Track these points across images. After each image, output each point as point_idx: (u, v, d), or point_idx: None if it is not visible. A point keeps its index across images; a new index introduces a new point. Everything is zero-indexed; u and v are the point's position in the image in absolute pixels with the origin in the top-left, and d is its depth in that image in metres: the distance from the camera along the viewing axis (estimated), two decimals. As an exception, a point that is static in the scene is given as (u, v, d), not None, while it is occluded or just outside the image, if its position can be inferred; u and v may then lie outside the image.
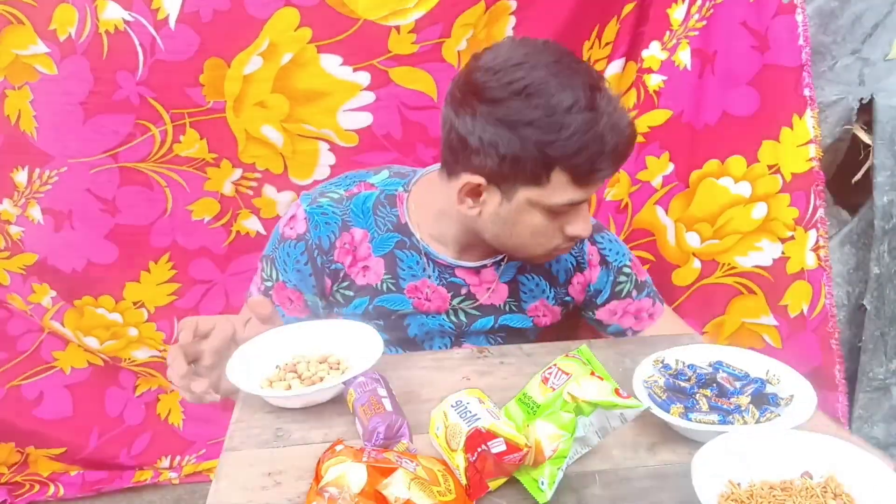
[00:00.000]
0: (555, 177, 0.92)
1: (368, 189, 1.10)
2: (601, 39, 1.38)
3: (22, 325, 1.58)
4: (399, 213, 1.09)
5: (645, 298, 1.19)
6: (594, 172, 0.93)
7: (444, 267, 1.10)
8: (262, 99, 1.31)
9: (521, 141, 0.91)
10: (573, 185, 0.93)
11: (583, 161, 0.91)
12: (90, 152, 1.34)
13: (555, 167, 0.92)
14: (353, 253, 1.09)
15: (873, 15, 1.27)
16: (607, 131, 0.90)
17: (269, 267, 1.12)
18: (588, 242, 1.16)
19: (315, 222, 1.07)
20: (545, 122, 0.90)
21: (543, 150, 0.91)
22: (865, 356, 1.29)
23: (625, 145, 0.92)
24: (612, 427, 0.75)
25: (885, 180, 1.23)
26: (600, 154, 0.90)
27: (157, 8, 1.25)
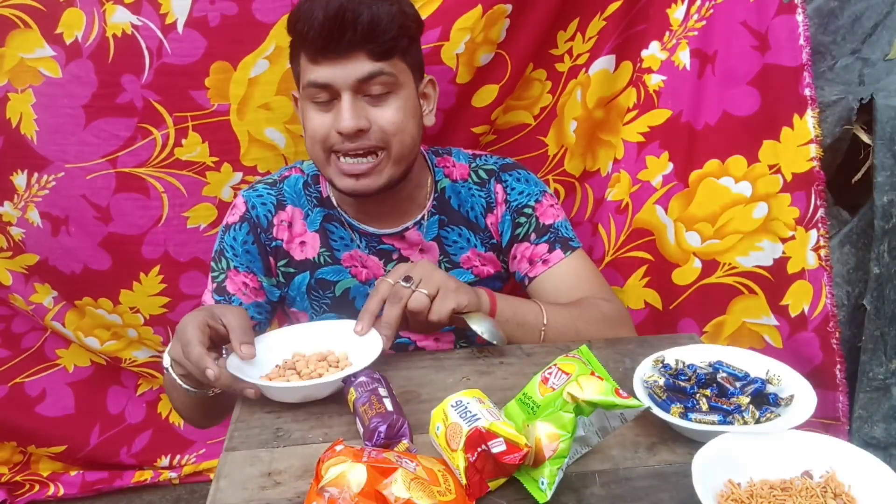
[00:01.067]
0: (301, 60, 1.03)
1: (298, 173, 1.18)
2: (584, 34, 1.38)
3: (26, 323, 1.58)
4: (321, 189, 1.16)
5: (542, 244, 1.15)
6: (316, 45, 0.99)
7: (370, 236, 1.15)
8: (267, 101, 1.32)
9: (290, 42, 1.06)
10: (310, 63, 1.01)
11: (301, 34, 0.99)
12: (88, 157, 1.34)
13: (300, 52, 1.03)
14: (289, 230, 1.15)
15: (873, 15, 1.27)
16: (317, 6, 0.97)
17: (218, 261, 1.15)
18: (495, 181, 1.19)
19: (252, 203, 1.15)
20: (291, 16, 1.02)
21: (291, 38, 1.04)
22: (865, 356, 1.29)
23: (330, 18, 0.96)
24: (612, 427, 0.75)
25: (885, 180, 1.23)
26: (310, 25, 0.97)
27: (166, 13, 1.26)
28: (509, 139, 1.47)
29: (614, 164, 1.44)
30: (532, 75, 1.41)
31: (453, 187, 1.18)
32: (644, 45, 1.37)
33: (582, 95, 1.41)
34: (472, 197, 1.19)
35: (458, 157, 1.21)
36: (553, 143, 1.47)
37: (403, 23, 1.02)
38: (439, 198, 1.18)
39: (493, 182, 1.18)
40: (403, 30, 1.02)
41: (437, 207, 1.17)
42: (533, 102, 1.44)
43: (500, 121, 1.44)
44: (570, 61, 1.41)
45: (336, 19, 0.96)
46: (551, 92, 1.43)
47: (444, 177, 1.19)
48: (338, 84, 1.00)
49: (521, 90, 1.42)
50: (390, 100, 1.03)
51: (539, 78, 1.42)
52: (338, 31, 0.97)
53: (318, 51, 0.99)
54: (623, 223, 1.42)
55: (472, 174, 1.20)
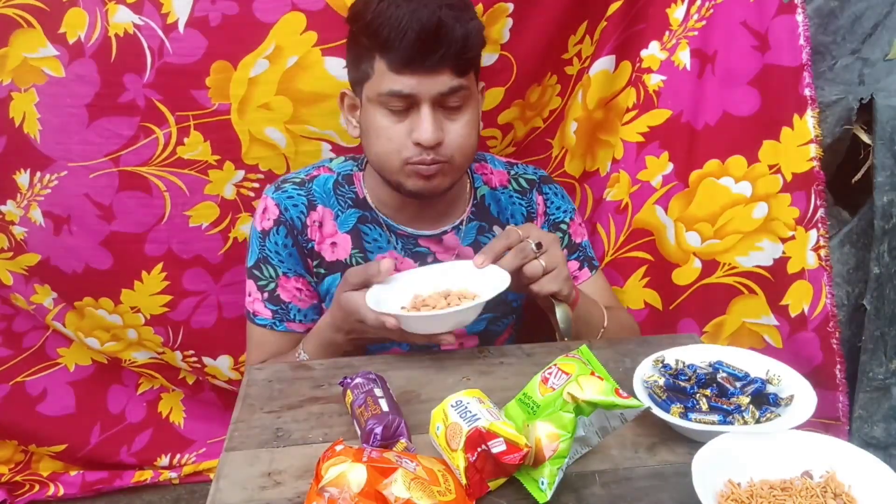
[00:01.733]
0: (377, 66, 0.99)
1: (327, 172, 1.17)
2: (592, 37, 1.38)
3: (28, 322, 1.58)
4: (357, 190, 1.15)
5: (573, 261, 1.21)
6: (404, 56, 0.95)
7: (407, 237, 1.14)
8: (267, 101, 1.32)
9: (352, 36, 1.03)
10: (391, 72, 0.97)
11: (385, 41, 0.95)
12: (91, 156, 1.34)
13: (374, 55, 0.98)
14: (320, 230, 1.14)
15: (873, 15, 1.27)
16: (405, 15, 0.93)
17: (264, 269, 1.14)
18: (536, 192, 1.20)
19: (284, 205, 1.13)
20: (361, 12, 0.99)
21: (360, 38, 1.00)
22: (865, 356, 1.29)
23: (427, 32, 0.93)
24: (612, 427, 0.75)
25: (885, 180, 1.23)
26: (401, 36, 0.93)
27: (167, 12, 1.26)
28: (521, 144, 1.48)
29: (613, 164, 1.44)
30: (548, 83, 1.41)
31: (493, 194, 1.19)
32: (644, 45, 1.37)
33: (583, 96, 1.41)
34: (512, 205, 1.19)
35: (493, 164, 1.22)
36: (556, 145, 1.48)
37: (483, 38, 1.02)
38: (479, 204, 1.18)
39: (534, 192, 1.20)
40: (482, 44, 1.03)
41: (476, 213, 1.17)
42: (544, 107, 1.45)
43: (519, 132, 1.44)
44: (578, 64, 1.41)
45: (432, 34, 0.94)
46: (560, 95, 1.44)
47: (483, 184, 1.19)
48: (421, 96, 0.98)
49: (539, 98, 1.42)
50: (463, 113, 1.02)
51: (552, 83, 1.42)
52: (433, 47, 0.94)
53: (406, 62, 0.96)
54: (623, 223, 1.42)
55: (513, 181, 1.20)
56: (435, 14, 0.93)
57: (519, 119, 1.42)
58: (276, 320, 1.15)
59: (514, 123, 1.42)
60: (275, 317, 1.15)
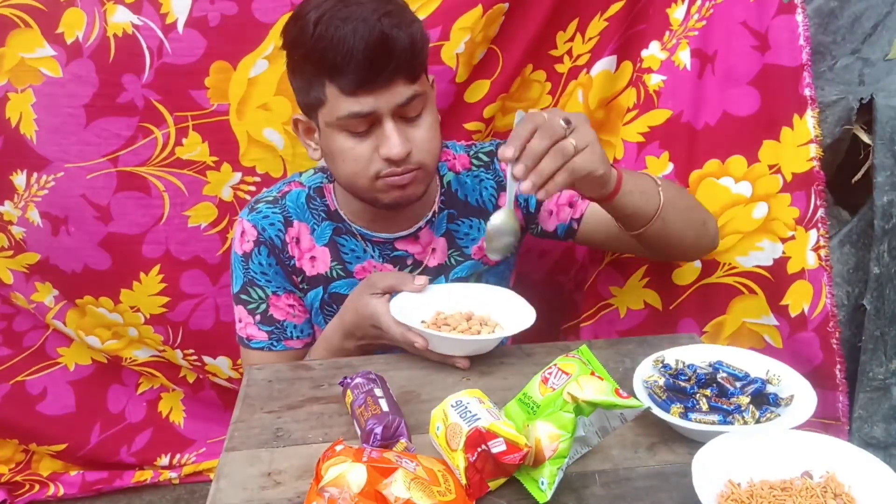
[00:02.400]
0: (328, 91, 0.95)
1: (298, 187, 1.15)
2: (584, 34, 1.38)
3: (28, 322, 1.58)
4: (328, 202, 1.14)
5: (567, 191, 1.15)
6: (356, 78, 0.92)
7: (383, 244, 1.14)
8: (266, 102, 1.32)
9: (294, 62, 0.99)
10: (344, 95, 0.94)
11: (333, 66, 0.92)
12: (89, 157, 1.34)
13: (324, 81, 0.95)
14: (297, 246, 1.13)
15: (873, 15, 1.27)
16: (347, 35, 0.90)
17: (252, 292, 1.13)
18: (497, 159, 1.18)
19: (262, 226, 1.11)
20: (299, 38, 0.95)
21: (305, 66, 0.96)
22: (865, 356, 1.29)
23: (373, 49, 0.90)
24: (612, 427, 0.75)
25: (884, 180, 1.23)
26: (348, 59, 0.90)
27: (166, 12, 1.26)
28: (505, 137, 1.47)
29: (614, 164, 1.43)
30: (531, 77, 1.41)
31: (458, 179, 1.18)
32: (644, 45, 1.36)
33: (584, 96, 1.41)
34: (479, 182, 1.18)
35: (455, 149, 1.21)
36: None
37: (426, 35, 1.00)
38: (446, 192, 1.17)
39: (496, 162, 1.18)
40: (427, 42, 1.00)
41: (446, 202, 1.17)
42: (532, 104, 1.44)
43: (499, 123, 1.44)
44: (569, 62, 1.41)
45: (380, 50, 0.90)
46: (551, 93, 1.43)
47: (448, 170, 1.19)
48: (381, 111, 0.95)
49: (520, 91, 1.42)
50: (423, 117, 1.01)
51: (538, 79, 1.42)
52: (382, 62, 0.91)
53: (359, 84, 0.93)
54: None
55: (473, 160, 1.19)
56: (376, 28, 0.90)
57: (500, 111, 1.42)
58: (273, 340, 1.14)
59: (496, 116, 1.42)
60: (271, 337, 1.14)
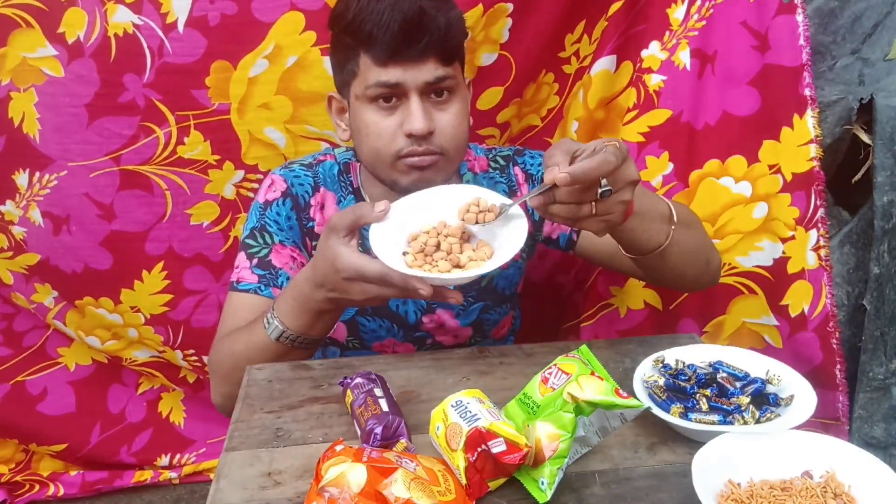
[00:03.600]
0: (362, 62, 0.99)
1: (332, 160, 1.17)
2: (590, 36, 1.38)
3: (28, 322, 1.59)
4: (352, 179, 1.15)
5: None
6: (388, 48, 0.96)
7: None
8: (267, 101, 1.33)
9: (335, 39, 1.03)
10: (376, 65, 0.98)
11: (369, 36, 0.96)
12: (91, 155, 1.35)
13: (359, 52, 0.99)
14: (321, 212, 1.13)
15: (873, 15, 1.27)
16: (386, 8, 0.94)
17: (259, 236, 1.10)
18: (513, 166, 1.19)
19: (291, 181, 1.13)
20: (343, 13, 0.99)
21: (343, 39, 1.00)
22: (865, 356, 1.29)
23: (409, 21, 0.94)
24: (612, 427, 0.75)
25: (885, 180, 1.23)
26: (384, 28, 0.94)
27: (167, 12, 1.26)
28: (517, 141, 1.48)
29: None
30: (543, 80, 1.41)
31: (476, 180, 1.18)
32: (644, 45, 1.37)
33: (584, 96, 1.41)
34: (494, 185, 1.18)
35: (476, 151, 1.22)
36: None
37: (464, 27, 1.04)
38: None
39: (510, 166, 1.19)
40: (465, 34, 1.04)
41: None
42: (540, 105, 1.45)
43: (515, 128, 1.44)
44: (576, 63, 1.41)
45: (415, 23, 0.95)
46: (558, 94, 1.44)
47: (468, 170, 1.19)
48: (408, 85, 0.98)
49: (534, 95, 1.42)
50: (452, 103, 1.02)
51: (548, 81, 1.42)
52: (416, 35, 0.95)
53: (390, 54, 0.96)
54: None
55: (491, 162, 1.20)
56: (416, 3, 0.94)
57: (515, 117, 1.42)
58: (262, 285, 1.09)
59: (511, 122, 1.42)
60: (261, 281, 1.09)
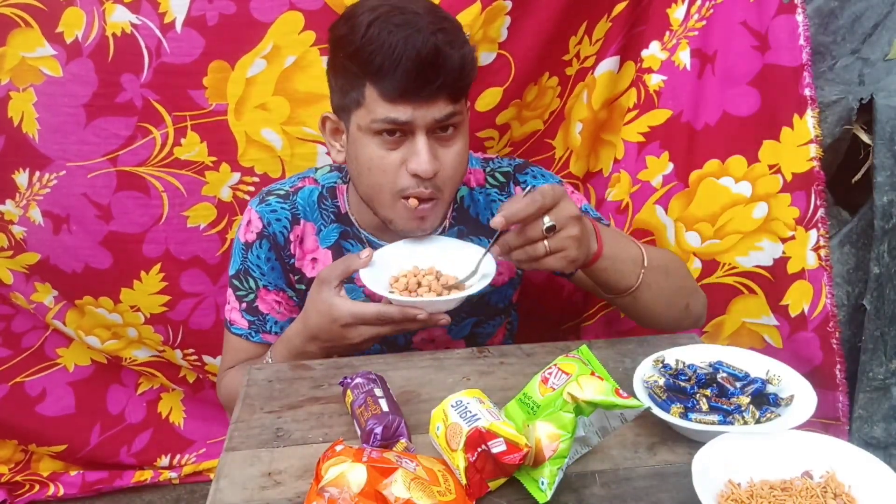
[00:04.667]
0: (367, 93, 0.94)
1: (312, 184, 1.14)
2: (591, 37, 1.38)
3: (27, 323, 1.58)
4: (339, 204, 1.13)
5: None
6: (400, 86, 0.91)
7: None
8: (264, 101, 1.32)
9: (338, 60, 0.97)
10: (383, 100, 0.93)
11: (378, 69, 0.91)
12: (89, 156, 1.34)
13: (365, 83, 0.94)
14: (300, 246, 1.12)
15: (873, 15, 1.27)
16: (399, 42, 0.89)
17: (244, 280, 1.13)
18: (513, 184, 1.17)
19: (268, 219, 1.11)
20: (348, 36, 0.93)
21: (349, 65, 0.95)
22: (865, 356, 1.29)
23: (424, 61, 0.89)
24: (612, 427, 0.75)
25: (884, 180, 1.23)
26: (395, 65, 0.89)
27: (164, 12, 1.26)
28: (520, 148, 1.47)
29: (615, 164, 1.43)
30: (546, 84, 1.41)
31: (471, 195, 1.17)
32: (644, 45, 1.37)
33: (588, 97, 1.41)
34: (491, 203, 1.17)
35: (471, 163, 1.19)
36: (560, 146, 1.47)
37: (475, 62, 0.99)
38: (459, 208, 1.15)
39: (510, 185, 1.17)
40: (476, 70, 0.99)
41: (457, 218, 1.15)
42: (543, 108, 1.44)
43: (516, 132, 1.44)
44: (577, 64, 1.41)
45: (429, 63, 0.89)
46: (560, 96, 1.43)
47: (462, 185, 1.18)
48: (416, 124, 0.94)
49: (536, 99, 1.42)
50: (456, 140, 0.99)
51: (552, 85, 1.42)
52: (430, 75, 0.90)
53: (401, 92, 0.91)
54: (623, 223, 1.42)
55: (489, 178, 1.17)
56: (430, 41, 0.89)
57: (516, 119, 1.42)
58: (252, 331, 1.13)
59: (511, 124, 1.42)
60: (251, 327, 1.14)
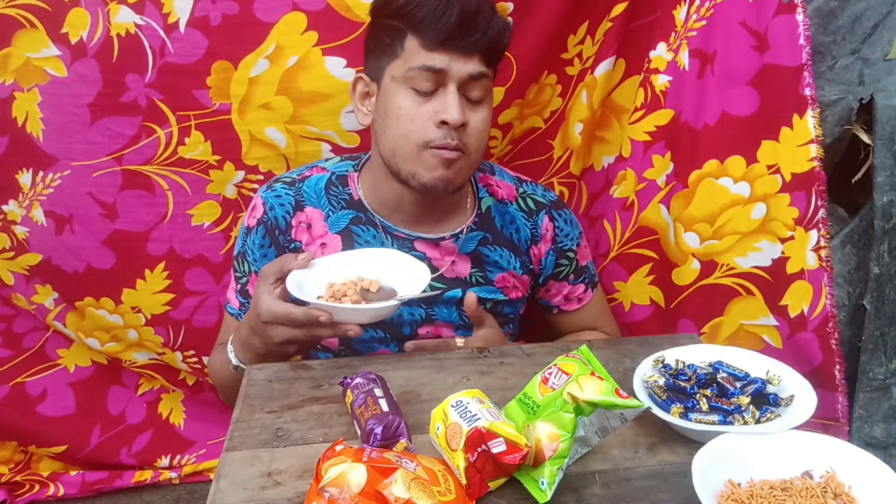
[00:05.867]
0: (408, 43, 0.99)
1: (320, 172, 1.17)
2: (593, 37, 1.38)
3: (28, 323, 1.58)
4: (352, 191, 1.15)
5: (579, 284, 1.24)
6: (441, 35, 0.97)
7: (403, 240, 1.14)
8: (267, 101, 1.33)
9: (376, 14, 1.03)
10: (424, 49, 0.98)
11: (422, 21, 0.96)
12: (94, 155, 1.35)
13: (406, 34, 0.99)
14: (308, 231, 1.14)
15: (873, 15, 1.27)
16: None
17: (241, 263, 1.17)
18: (546, 216, 1.20)
19: (270, 204, 1.14)
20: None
21: (388, 23, 1.01)
22: (865, 356, 1.29)
23: (467, 14, 0.96)
24: (612, 427, 0.75)
25: (885, 180, 1.23)
26: (439, 16, 0.95)
27: (168, 12, 1.27)
28: (520, 144, 1.48)
29: (620, 162, 1.44)
30: (545, 81, 1.41)
31: (498, 207, 1.18)
32: (652, 45, 1.37)
33: (588, 98, 1.42)
34: (516, 220, 1.20)
35: (502, 177, 1.22)
36: (559, 147, 1.48)
37: (510, 38, 1.07)
38: (483, 215, 1.17)
39: (542, 216, 1.20)
40: (508, 45, 1.06)
41: (479, 224, 1.17)
42: (543, 107, 1.45)
43: (517, 130, 1.45)
44: (579, 65, 1.41)
45: (472, 16, 0.97)
46: (561, 95, 1.44)
47: (487, 195, 1.19)
48: (451, 74, 0.99)
49: (536, 96, 1.42)
50: (483, 106, 1.04)
51: (550, 83, 1.42)
52: (471, 28, 0.97)
53: (442, 40, 0.97)
54: (629, 220, 1.43)
55: (520, 200, 1.21)
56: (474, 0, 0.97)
57: (517, 118, 1.42)
58: (242, 312, 1.18)
59: (513, 123, 1.43)
60: (241, 308, 1.18)
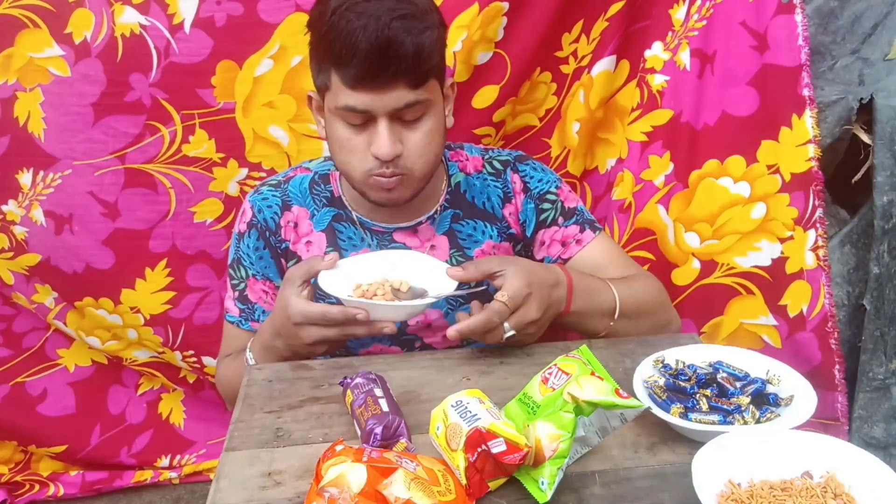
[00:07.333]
0: (333, 79, 0.97)
1: (304, 172, 1.17)
2: (589, 35, 1.38)
3: (28, 323, 1.59)
4: (332, 189, 1.16)
5: (572, 226, 1.17)
6: (356, 76, 0.94)
7: (381, 234, 1.14)
8: (271, 99, 1.34)
9: (311, 43, 1.01)
10: (346, 87, 0.96)
11: (339, 56, 0.94)
12: (96, 154, 1.36)
13: (330, 68, 0.97)
14: (295, 230, 1.15)
15: (873, 15, 1.27)
16: (356, 31, 0.91)
17: (237, 269, 1.17)
18: (511, 171, 1.18)
19: (258, 207, 1.15)
20: (317, 22, 0.97)
21: (316, 51, 0.99)
22: (865, 356, 1.29)
23: (375, 50, 0.91)
24: (612, 427, 0.75)
25: (884, 180, 1.23)
26: (352, 53, 0.92)
27: (173, 13, 1.28)
28: (514, 141, 1.48)
29: (619, 164, 1.44)
30: (538, 79, 1.41)
31: (467, 180, 1.18)
32: (647, 45, 1.37)
33: (585, 97, 1.42)
34: (487, 187, 1.18)
35: (470, 151, 1.21)
36: (556, 145, 1.48)
37: (441, 43, 1.00)
38: (453, 192, 1.17)
39: (508, 172, 1.18)
40: (441, 50, 1.00)
41: (451, 201, 1.17)
42: (538, 105, 1.45)
43: (509, 126, 1.45)
44: (574, 63, 1.42)
45: (380, 52, 0.92)
46: (556, 94, 1.44)
47: (458, 171, 1.18)
48: (376, 111, 0.96)
49: (528, 94, 1.42)
50: (423, 121, 1.01)
51: (544, 81, 1.42)
52: (382, 64, 0.93)
53: (358, 80, 0.94)
54: (626, 222, 1.43)
55: (486, 165, 1.19)
56: (384, 30, 0.91)
57: (510, 115, 1.42)
58: (242, 318, 1.17)
59: (506, 120, 1.43)
60: (241, 315, 1.17)
